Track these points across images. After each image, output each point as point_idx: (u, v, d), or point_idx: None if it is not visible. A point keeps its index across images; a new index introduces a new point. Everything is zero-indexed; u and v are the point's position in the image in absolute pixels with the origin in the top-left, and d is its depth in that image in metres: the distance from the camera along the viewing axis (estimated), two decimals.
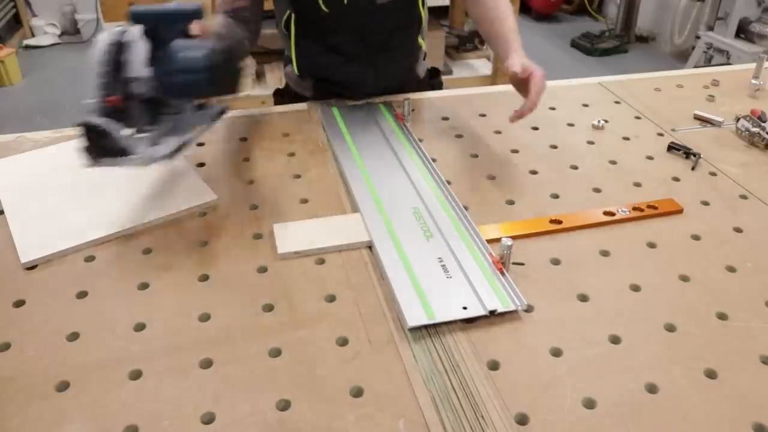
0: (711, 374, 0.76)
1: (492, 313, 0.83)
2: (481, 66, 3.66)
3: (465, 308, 0.83)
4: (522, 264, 0.91)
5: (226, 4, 1.19)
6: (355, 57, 1.33)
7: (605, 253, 0.96)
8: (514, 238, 0.90)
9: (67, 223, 0.99)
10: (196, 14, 0.90)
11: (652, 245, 0.97)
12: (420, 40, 1.41)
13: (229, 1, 1.19)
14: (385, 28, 1.32)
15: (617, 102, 1.43)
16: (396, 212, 1.02)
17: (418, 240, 0.96)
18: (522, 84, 1.13)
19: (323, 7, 1.24)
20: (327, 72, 1.37)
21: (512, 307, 0.83)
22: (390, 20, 1.31)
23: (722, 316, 0.84)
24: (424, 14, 1.37)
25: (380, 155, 1.19)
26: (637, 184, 1.13)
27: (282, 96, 1.50)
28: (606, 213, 1.03)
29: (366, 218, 1.00)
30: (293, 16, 1.31)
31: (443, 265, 0.91)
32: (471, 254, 0.93)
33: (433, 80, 1.54)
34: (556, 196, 1.09)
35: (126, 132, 0.85)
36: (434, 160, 1.18)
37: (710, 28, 3.72)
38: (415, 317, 0.81)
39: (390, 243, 0.95)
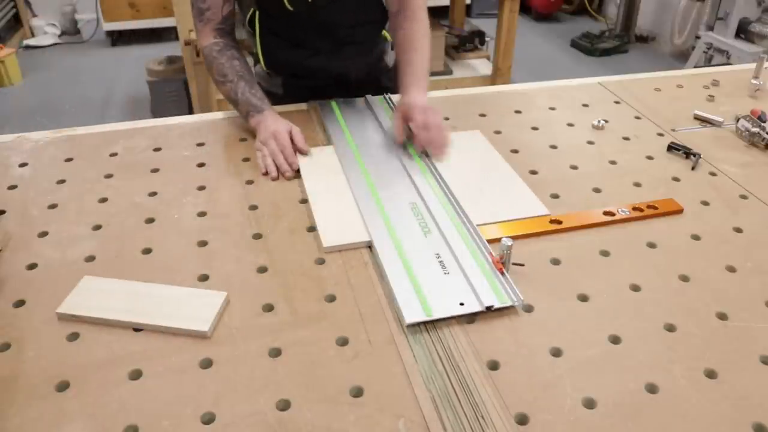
0: (711, 374, 0.76)
1: (489, 308, 0.83)
2: (481, 66, 3.65)
3: (462, 304, 0.83)
4: (522, 265, 0.90)
5: (217, 12, 1.24)
6: (320, 51, 1.34)
7: (605, 253, 0.96)
8: (514, 238, 0.90)
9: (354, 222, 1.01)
10: None
11: (652, 245, 0.97)
12: (385, 32, 1.41)
13: (218, 7, 1.24)
14: (349, 23, 1.33)
15: (617, 102, 1.43)
16: (395, 208, 1.02)
17: (416, 236, 0.96)
18: (408, 118, 1.17)
19: (288, 6, 1.26)
20: (295, 67, 1.38)
21: (509, 303, 0.83)
22: (354, 15, 1.32)
23: (722, 316, 0.84)
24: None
25: (379, 151, 1.19)
26: (637, 184, 1.13)
27: None
28: (606, 213, 1.03)
29: (365, 216, 1.00)
30: (257, 13, 1.33)
31: (441, 261, 0.91)
32: (468, 250, 0.93)
33: None
34: (556, 196, 1.09)
35: None
36: None
37: (710, 28, 3.72)
38: (412, 314, 0.82)
39: (389, 240, 0.95)
